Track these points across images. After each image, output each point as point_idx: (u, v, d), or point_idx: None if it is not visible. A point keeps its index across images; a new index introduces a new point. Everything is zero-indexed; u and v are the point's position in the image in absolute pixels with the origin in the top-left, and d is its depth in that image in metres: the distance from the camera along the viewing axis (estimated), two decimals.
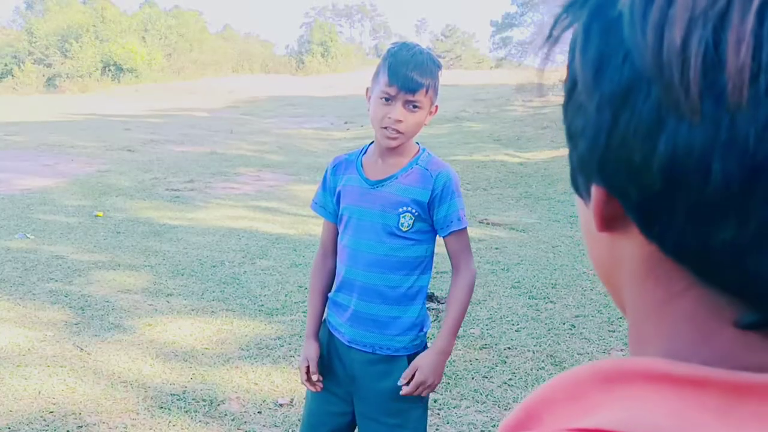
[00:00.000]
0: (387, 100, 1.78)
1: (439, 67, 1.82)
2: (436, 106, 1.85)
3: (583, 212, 0.40)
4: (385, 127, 1.79)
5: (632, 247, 0.37)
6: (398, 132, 1.78)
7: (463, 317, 1.88)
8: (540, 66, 0.39)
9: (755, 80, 0.28)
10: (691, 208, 0.31)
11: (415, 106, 1.78)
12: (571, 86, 0.37)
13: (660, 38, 0.30)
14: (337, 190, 1.94)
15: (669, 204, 0.32)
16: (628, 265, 0.38)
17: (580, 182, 0.39)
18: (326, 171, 1.98)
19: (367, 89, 1.88)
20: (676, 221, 0.32)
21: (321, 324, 2.03)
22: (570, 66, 0.36)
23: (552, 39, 0.37)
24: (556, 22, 0.37)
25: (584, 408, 0.34)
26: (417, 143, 1.89)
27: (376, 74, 1.84)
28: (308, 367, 1.96)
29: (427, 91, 1.78)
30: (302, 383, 2.01)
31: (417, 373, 1.82)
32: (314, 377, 1.96)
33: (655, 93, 0.31)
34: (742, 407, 0.31)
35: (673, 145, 0.31)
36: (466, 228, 1.87)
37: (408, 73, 1.75)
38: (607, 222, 0.37)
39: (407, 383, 1.84)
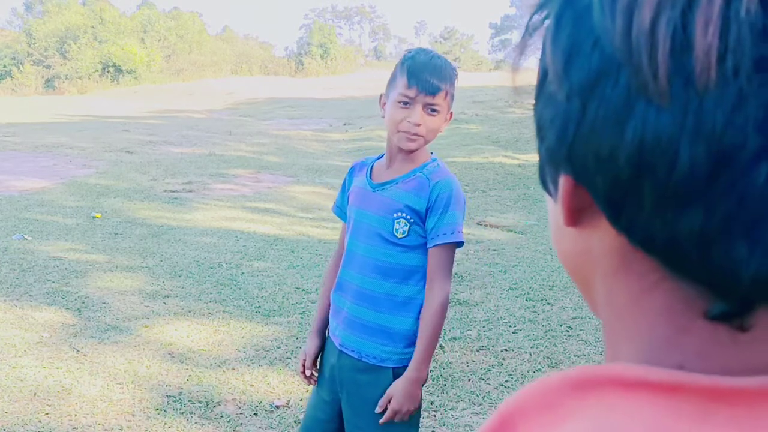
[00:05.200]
0: (406, 103, 1.76)
1: (456, 73, 1.81)
2: (451, 113, 1.84)
3: (552, 209, 0.40)
4: (404, 131, 1.77)
5: (602, 240, 0.36)
6: (417, 135, 1.77)
7: (436, 342, 1.83)
8: (515, 62, 0.39)
9: (722, 61, 0.28)
10: (658, 197, 0.31)
11: (433, 110, 1.77)
12: (542, 78, 0.36)
13: (629, 21, 0.30)
14: (349, 192, 1.97)
15: (636, 192, 0.32)
16: (599, 260, 0.37)
17: (548, 176, 0.38)
18: (347, 173, 2.01)
19: (381, 95, 1.87)
20: (644, 210, 0.32)
21: (326, 322, 2.06)
22: (541, 58, 0.36)
23: (527, 33, 0.37)
24: (531, 18, 0.37)
25: (557, 416, 0.34)
26: (431, 152, 1.87)
27: (392, 79, 1.82)
28: (305, 360, 2.02)
29: (446, 95, 1.77)
30: (298, 375, 2.08)
31: (391, 402, 1.80)
32: (308, 372, 2.02)
33: (623, 79, 0.31)
34: (718, 412, 0.31)
35: (641, 132, 0.30)
36: (454, 244, 1.80)
37: (428, 76, 1.74)
38: (576, 215, 0.37)
39: (385, 412, 1.82)
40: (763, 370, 0.32)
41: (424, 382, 1.85)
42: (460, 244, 1.81)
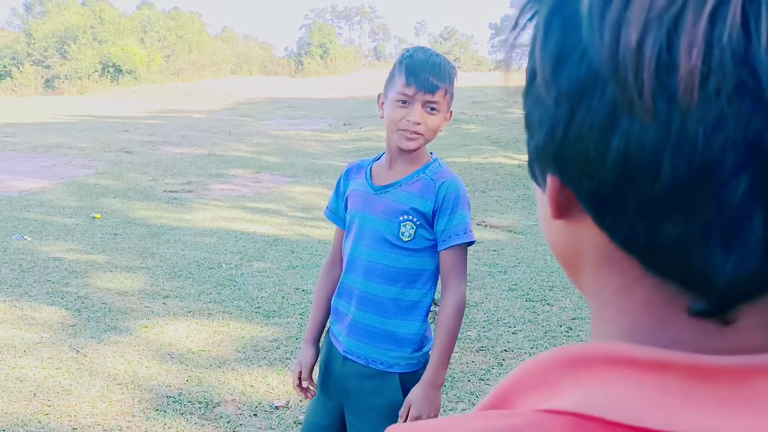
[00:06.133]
0: (405, 102, 1.73)
1: (455, 71, 1.79)
2: (451, 112, 1.81)
3: (540, 199, 0.41)
4: (403, 129, 1.74)
5: (587, 234, 0.38)
6: (417, 134, 1.75)
7: (453, 345, 1.79)
8: (506, 58, 0.40)
9: (705, 83, 0.29)
10: (641, 203, 0.33)
11: (432, 109, 1.74)
12: (531, 77, 0.37)
13: (616, 39, 0.31)
14: (346, 196, 1.92)
15: (620, 198, 0.33)
16: (585, 252, 0.39)
17: (536, 171, 0.40)
18: (340, 177, 1.97)
19: (379, 95, 1.85)
20: (626, 214, 0.34)
21: (321, 330, 2.01)
22: (530, 57, 0.37)
23: (517, 29, 0.38)
24: (521, 12, 0.38)
25: (551, 392, 0.36)
26: (431, 153, 1.85)
27: (390, 78, 1.80)
28: (301, 372, 1.97)
29: (445, 93, 1.74)
30: (294, 388, 2.01)
31: (411, 410, 1.75)
32: (305, 384, 1.97)
33: (610, 91, 0.32)
34: (704, 389, 0.32)
35: (626, 143, 0.32)
36: (467, 244, 1.78)
37: (426, 74, 1.72)
38: (563, 209, 0.38)
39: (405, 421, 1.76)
40: (747, 351, 0.34)
41: (440, 386, 1.82)
42: (471, 243, 1.79)
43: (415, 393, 1.77)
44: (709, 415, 0.32)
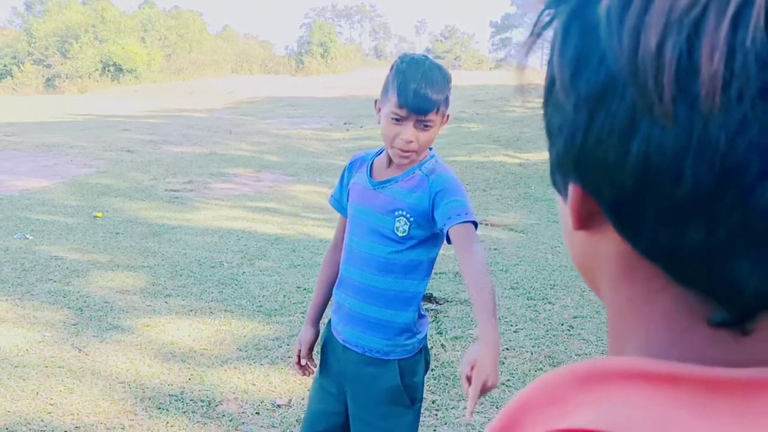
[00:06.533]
0: (397, 120, 1.75)
1: (449, 80, 1.78)
2: (448, 115, 1.83)
3: (562, 209, 0.41)
4: (397, 147, 1.78)
5: (609, 245, 0.37)
6: (410, 151, 1.78)
7: (494, 300, 1.66)
8: (521, 63, 0.39)
9: (727, 87, 0.29)
10: (662, 210, 0.32)
11: (426, 126, 1.76)
12: (550, 84, 0.37)
13: (635, 43, 0.30)
14: (348, 188, 1.98)
15: (641, 204, 0.33)
16: (606, 263, 0.39)
17: (558, 179, 0.39)
18: (345, 168, 2.02)
19: (376, 101, 1.87)
20: (648, 222, 0.33)
21: (321, 312, 2.08)
22: (549, 64, 0.37)
23: (534, 35, 0.38)
24: (538, 18, 0.37)
25: (564, 410, 0.35)
26: (430, 148, 1.88)
27: (386, 89, 1.81)
28: (300, 350, 2.04)
29: (438, 110, 1.75)
30: (293, 365, 2.08)
31: (474, 374, 1.57)
32: (303, 361, 2.04)
33: (629, 96, 0.31)
34: (717, 402, 0.32)
35: (645, 148, 0.31)
36: (470, 223, 1.75)
37: (419, 93, 1.71)
38: (584, 220, 0.38)
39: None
40: (762, 363, 0.33)
41: (498, 347, 1.67)
42: (475, 224, 1.76)
43: (486, 364, 1.57)
44: (724, 430, 0.31)
